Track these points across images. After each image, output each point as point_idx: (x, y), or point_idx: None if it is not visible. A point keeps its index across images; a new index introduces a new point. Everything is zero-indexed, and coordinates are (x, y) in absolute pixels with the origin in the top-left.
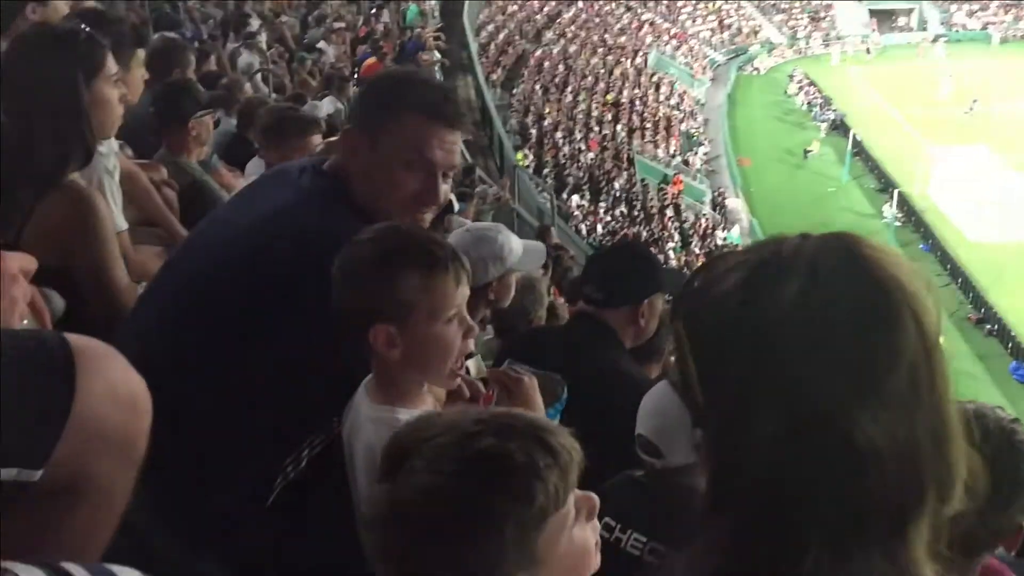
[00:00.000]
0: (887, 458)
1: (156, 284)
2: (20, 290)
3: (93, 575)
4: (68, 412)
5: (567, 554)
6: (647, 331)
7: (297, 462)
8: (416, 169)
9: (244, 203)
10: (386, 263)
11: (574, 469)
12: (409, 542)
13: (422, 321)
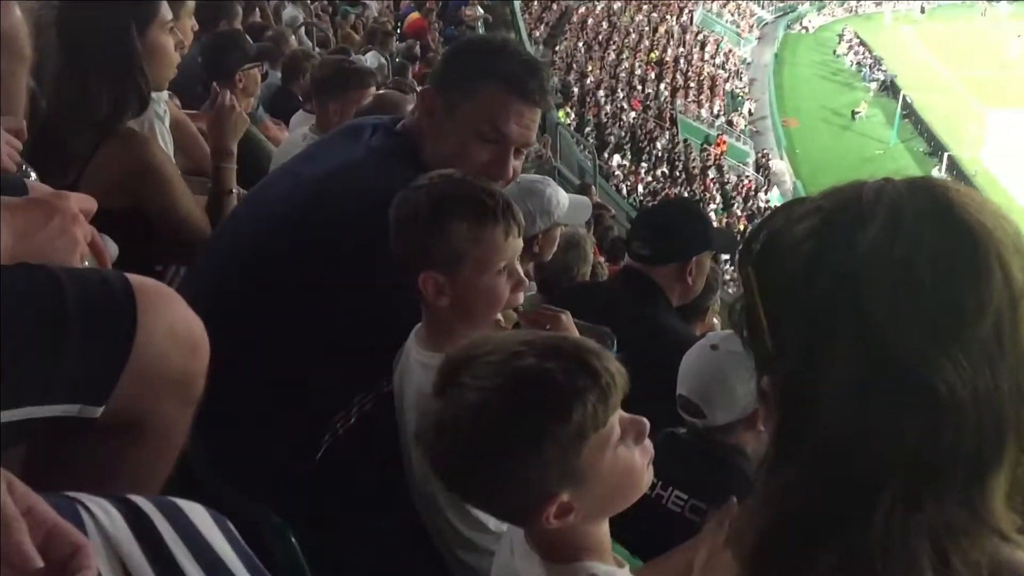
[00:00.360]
0: (967, 409)
1: (221, 233)
2: (81, 230)
3: (158, 507)
4: (129, 350)
5: (612, 472)
6: (694, 289)
7: (347, 419)
8: (489, 141)
9: (314, 157)
10: (437, 212)
11: (616, 392)
12: (455, 455)
13: (471, 272)
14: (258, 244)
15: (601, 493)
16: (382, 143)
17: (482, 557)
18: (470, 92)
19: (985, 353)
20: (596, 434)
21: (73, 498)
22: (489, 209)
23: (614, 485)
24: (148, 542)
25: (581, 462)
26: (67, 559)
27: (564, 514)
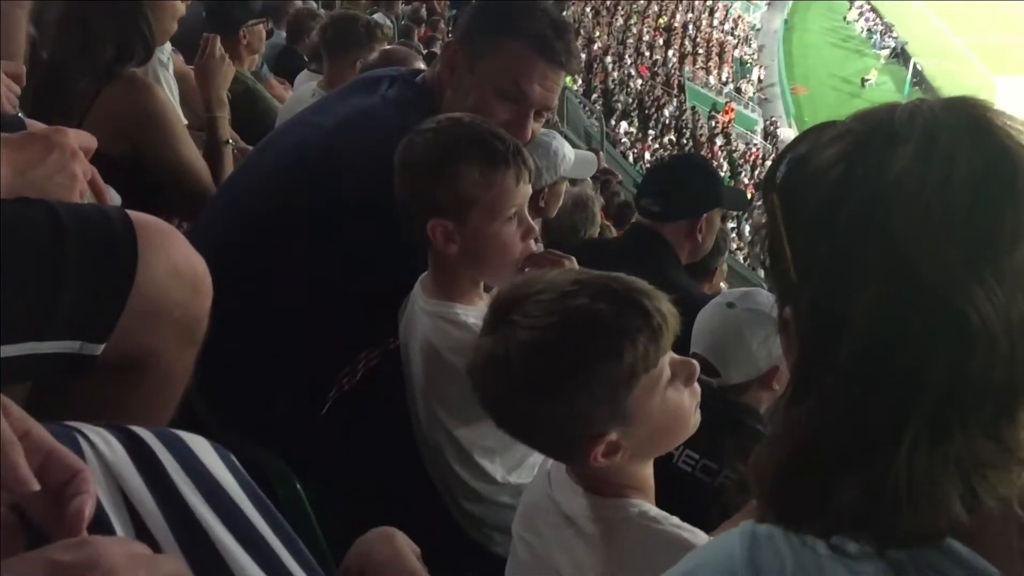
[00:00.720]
0: (1000, 338)
1: (233, 180)
2: (81, 166)
3: (159, 437)
4: (130, 286)
5: (661, 413)
6: (704, 247)
7: (353, 375)
8: (510, 100)
9: (327, 108)
10: (447, 156)
11: (668, 333)
12: (506, 391)
13: (481, 218)
14: (270, 193)
15: (649, 433)
16: (399, 94)
17: (487, 508)
18: (495, 48)
19: (1021, 281)
20: (647, 375)
21: (71, 427)
22: (500, 153)
23: (662, 426)
24: (148, 470)
25: (631, 402)
26: (65, 484)
27: (612, 453)
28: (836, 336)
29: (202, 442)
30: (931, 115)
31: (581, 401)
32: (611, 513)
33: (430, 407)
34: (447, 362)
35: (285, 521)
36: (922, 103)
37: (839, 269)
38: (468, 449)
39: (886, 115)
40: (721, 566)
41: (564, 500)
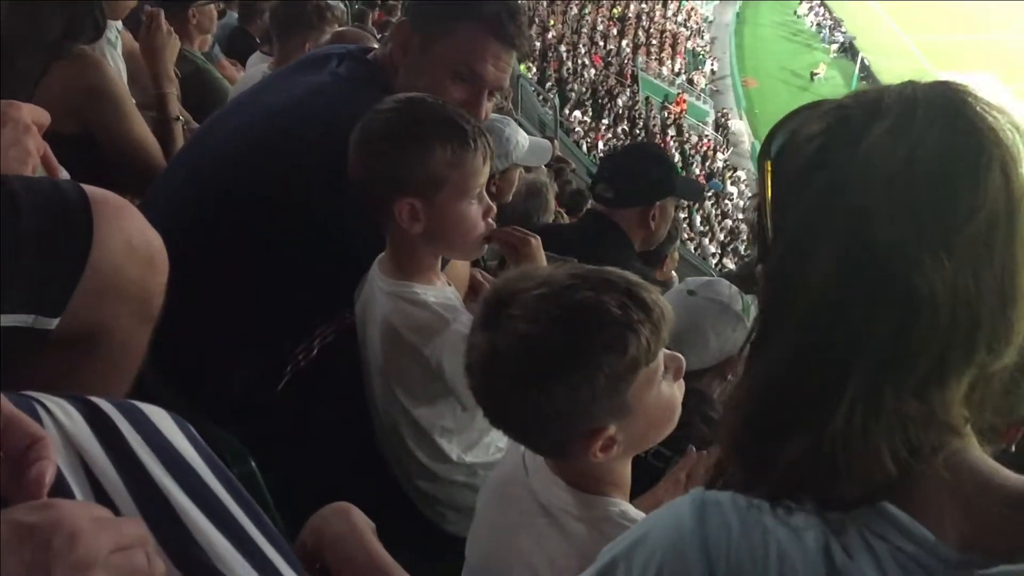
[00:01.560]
0: (943, 308)
1: (182, 158)
2: (34, 141)
3: (118, 408)
4: (85, 261)
5: (655, 406)
6: (657, 235)
7: (308, 350)
8: (464, 81)
9: (275, 86)
10: (416, 135)
11: (665, 326)
12: (508, 386)
13: (449, 197)
14: (221, 172)
15: (643, 427)
16: (350, 71)
17: (441, 486)
18: (449, 30)
19: (972, 255)
20: (646, 368)
21: (30, 396)
22: (468, 133)
23: (655, 419)
24: (108, 440)
25: (630, 396)
26: (26, 450)
27: (608, 447)
28: (793, 296)
29: (161, 412)
30: (913, 94)
31: (584, 395)
32: (594, 511)
33: (388, 387)
34: (407, 342)
35: (245, 491)
36: (911, 84)
37: (804, 232)
38: (427, 429)
39: (877, 94)
40: (670, 530)
41: (542, 490)
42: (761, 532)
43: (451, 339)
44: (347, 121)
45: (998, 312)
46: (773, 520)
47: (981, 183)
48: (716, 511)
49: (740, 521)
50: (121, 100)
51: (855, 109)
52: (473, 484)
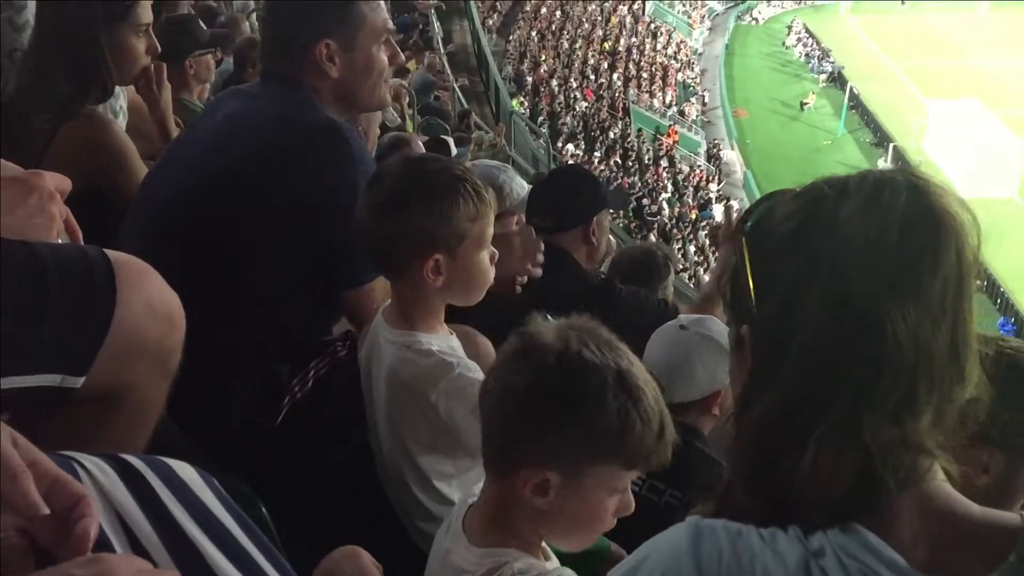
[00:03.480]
0: (907, 350)
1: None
2: (58, 207)
3: (149, 465)
4: (109, 322)
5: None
6: (600, 249)
7: (304, 383)
8: (385, 43)
9: (204, 119)
10: (441, 193)
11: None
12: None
13: (469, 249)
14: (180, 213)
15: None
16: (264, 89)
17: None
18: (356, 17)
19: (930, 310)
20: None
21: (69, 456)
22: (481, 187)
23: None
24: (143, 497)
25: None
26: (70, 508)
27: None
28: (784, 351)
29: (188, 469)
30: (878, 177)
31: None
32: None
33: (393, 433)
34: (412, 390)
35: (264, 536)
36: (872, 171)
37: (791, 298)
38: (428, 474)
39: (843, 178)
40: (668, 554)
41: (452, 546)
42: (749, 556)
43: (455, 384)
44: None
45: (950, 358)
46: (760, 544)
47: (940, 250)
48: (710, 536)
49: (730, 545)
50: (128, 156)
51: (827, 191)
52: None
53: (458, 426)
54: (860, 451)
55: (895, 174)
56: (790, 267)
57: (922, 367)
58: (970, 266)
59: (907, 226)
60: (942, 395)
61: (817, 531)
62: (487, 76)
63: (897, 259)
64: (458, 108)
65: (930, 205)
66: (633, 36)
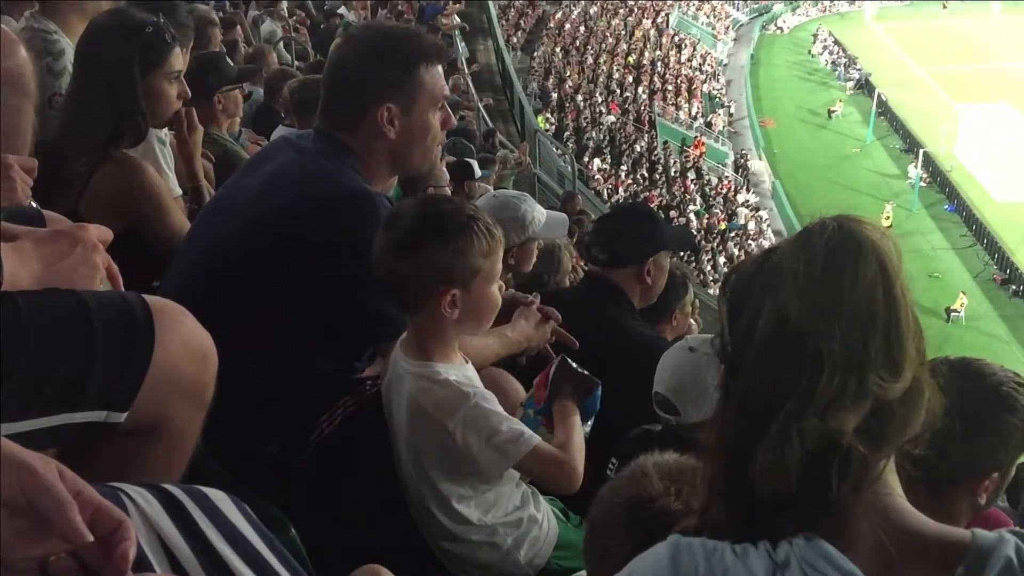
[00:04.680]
0: (838, 359)
1: (188, 243)
2: (100, 257)
3: (187, 493)
4: (149, 362)
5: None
6: (655, 289)
7: (332, 419)
8: (440, 109)
9: (255, 166)
10: (456, 232)
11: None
12: None
13: (482, 284)
14: (226, 251)
15: None
16: (314, 144)
17: (465, 546)
18: (418, 81)
19: (859, 321)
20: None
21: (115, 487)
22: (492, 225)
23: None
24: (183, 523)
25: None
26: (112, 532)
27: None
28: (738, 369)
29: (222, 496)
30: (813, 223)
31: None
32: None
33: (414, 459)
34: (431, 418)
35: (293, 558)
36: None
37: (747, 332)
38: (448, 497)
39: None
40: (651, 571)
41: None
42: (723, 570)
43: (471, 414)
44: (321, 187)
45: (885, 356)
46: (732, 559)
47: (859, 270)
48: (687, 553)
49: (706, 561)
50: (161, 198)
51: (778, 244)
52: (495, 543)
53: (474, 455)
54: (798, 447)
55: (829, 218)
56: (747, 308)
57: (852, 369)
58: (894, 281)
59: (830, 255)
60: (876, 393)
61: (783, 543)
62: (511, 94)
63: (822, 284)
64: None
65: (851, 232)
66: (657, 49)
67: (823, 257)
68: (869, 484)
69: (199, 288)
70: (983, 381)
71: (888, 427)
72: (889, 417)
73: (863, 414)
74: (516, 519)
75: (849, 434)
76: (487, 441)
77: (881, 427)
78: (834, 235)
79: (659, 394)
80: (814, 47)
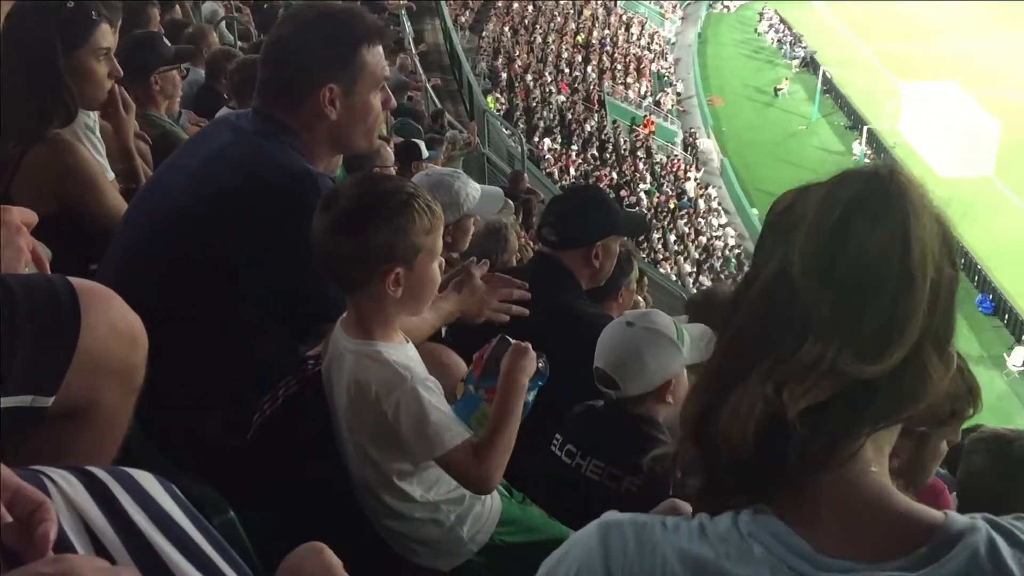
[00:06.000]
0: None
1: (124, 226)
2: (24, 240)
3: (112, 475)
4: (75, 345)
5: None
6: (603, 272)
7: (274, 399)
8: (381, 91)
9: (192, 148)
10: (398, 209)
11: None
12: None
13: (424, 261)
14: (163, 236)
15: None
16: (253, 124)
17: (408, 524)
18: (360, 62)
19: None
20: None
21: (38, 470)
22: (431, 202)
23: None
24: (107, 506)
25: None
26: (32, 514)
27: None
28: (734, 314)
29: (149, 478)
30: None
31: None
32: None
33: (356, 438)
34: (368, 397)
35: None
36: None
37: (755, 269)
38: (389, 475)
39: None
40: (582, 550)
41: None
42: (652, 545)
43: (405, 398)
44: (264, 168)
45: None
46: (662, 532)
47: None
48: (616, 530)
49: (635, 537)
50: (95, 179)
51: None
52: (438, 519)
53: (403, 438)
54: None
55: (879, 166)
56: (765, 246)
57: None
58: (922, 246)
59: (847, 209)
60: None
61: (726, 515)
62: (460, 74)
63: (828, 242)
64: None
65: (884, 189)
66: (606, 28)
67: (840, 210)
68: (839, 463)
69: (137, 271)
70: None
71: (871, 406)
72: (872, 395)
73: (831, 393)
74: (459, 495)
75: (793, 412)
76: (415, 428)
77: (860, 405)
78: (866, 187)
79: (599, 369)
80: (760, 25)
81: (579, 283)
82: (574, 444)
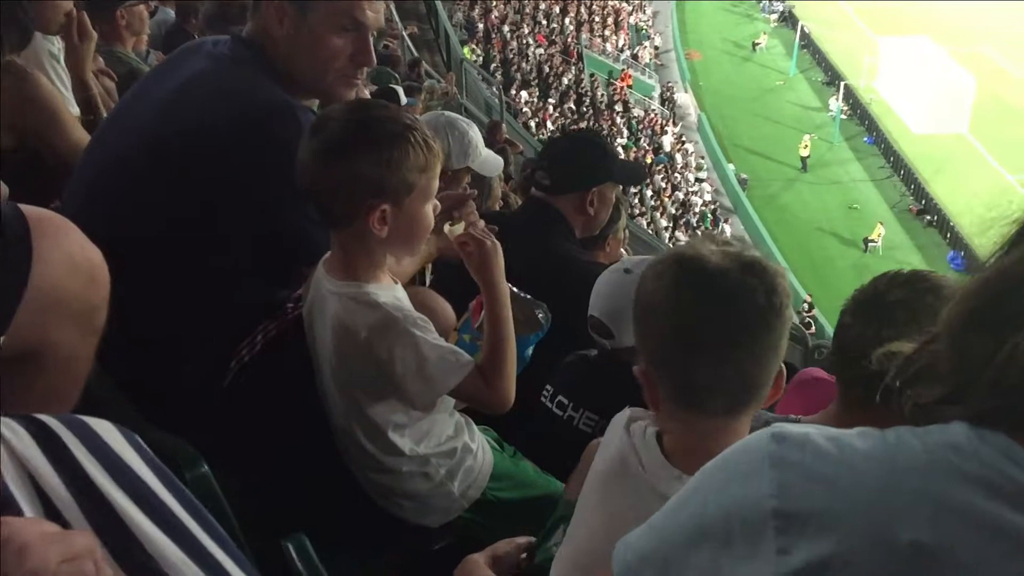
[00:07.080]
0: None
1: (87, 160)
2: None
3: (67, 424)
4: (26, 280)
5: None
6: (598, 220)
7: (252, 345)
8: (349, 32)
9: (162, 76)
10: (391, 143)
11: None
12: None
13: (415, 201)
14: (128, 169)
15: None
16: (229, 51)
17: (395, 478)
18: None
19: None
20: None
21: None
22: (430, 138)
23: None
24: (56, 456)
25: None
26: None
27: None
28: None
29: (107, 425)
30: None
31: None
32: None
33: (341, 385)
34: (359, 341)
35: (197, 500)
36: None
37: None
38: (380, 425)
39: None
40: (749, 455)
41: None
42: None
43: (401, 340)
44: (235, 98)
45: None
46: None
47: None
48: (792, 439)
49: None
50: (56, 111)
51: None
52: (426, 473)
53: (402, 382)
54: None
55: None
56: None
57: None
58: None
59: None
60: None
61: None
62: (437, 24)
63: None
64: (408, 57)
65: None
66: None
67: None
68: None
69: (102, 208)
70: None
71: None
72: None
73: None
74: (450, 449)
75: None
76: (416, 370)
77: None
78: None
79: (594, 317)
80: None
81: (571, 228)
82: (566, 395)
